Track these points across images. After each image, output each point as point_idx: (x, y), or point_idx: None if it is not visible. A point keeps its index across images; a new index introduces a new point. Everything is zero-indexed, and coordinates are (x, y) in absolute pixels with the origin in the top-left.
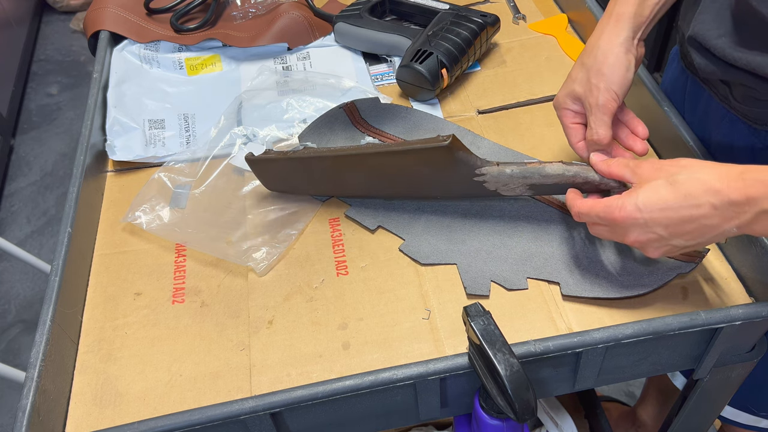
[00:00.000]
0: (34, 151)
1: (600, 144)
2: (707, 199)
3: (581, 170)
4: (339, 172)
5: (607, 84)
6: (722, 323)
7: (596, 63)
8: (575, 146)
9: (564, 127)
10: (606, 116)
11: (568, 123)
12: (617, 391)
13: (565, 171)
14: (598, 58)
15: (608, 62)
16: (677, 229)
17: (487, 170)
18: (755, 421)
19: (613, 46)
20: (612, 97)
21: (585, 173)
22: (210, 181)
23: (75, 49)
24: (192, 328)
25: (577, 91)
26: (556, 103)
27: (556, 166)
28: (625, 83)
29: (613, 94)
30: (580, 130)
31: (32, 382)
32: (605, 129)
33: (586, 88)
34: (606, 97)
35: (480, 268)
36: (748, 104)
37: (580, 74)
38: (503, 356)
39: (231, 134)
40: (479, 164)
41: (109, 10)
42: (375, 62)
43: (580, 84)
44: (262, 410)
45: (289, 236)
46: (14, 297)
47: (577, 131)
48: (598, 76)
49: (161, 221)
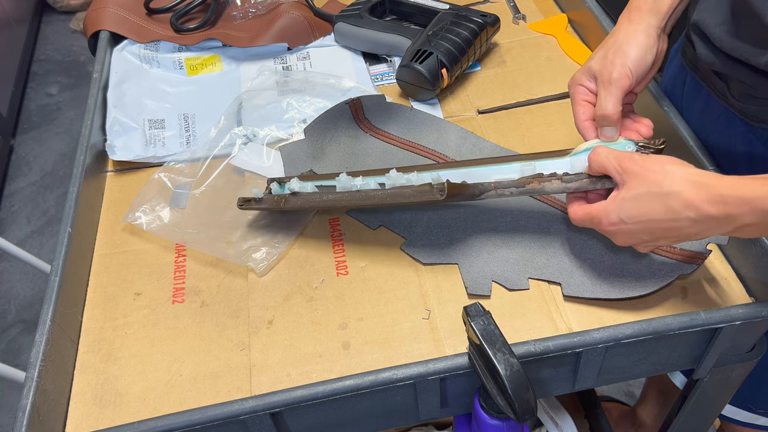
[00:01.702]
0: (34, 151)
1: (607, 120)
2: (687, 214)
3: (581, 185)
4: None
5: (623, 60)
6: (722, 323)
7: (617, 42)
8: (581, 124)
9: (573, 104)
10: (617, 91)
11: (578, 99)
12: (617, 391)
13: (566, 189)
14: (619, 39)
15: (628, 40)
16: (660, 235)
17: (486, 195)
18: (754, 419)
19: (636, 31)
20: (626, 74)
21: (585, 187)
22: (210, 181)
23: (75, 49)
24: (192, 328)
25: (594, 67)
26: (571, 81)
27: (555, 185)
28: (642, 64)
29: (628, 70)
30: (590, 108)
31: (32, 382)
32: (614, 104)
33: (603, 63)
34: (620, 72)
35: (481, 268)
36: (745, 101)
37: (599, 53)
38: (503, 356)
39: (231, 134)
40: (477, 193)
41: (109, 10)
42: (375, 62)
43: (597, 61)
44: (262, 410)
45: (288, 236)
46: (14, 297)
47: (586, 109)
48: (616, 53)
49: (161, 221)
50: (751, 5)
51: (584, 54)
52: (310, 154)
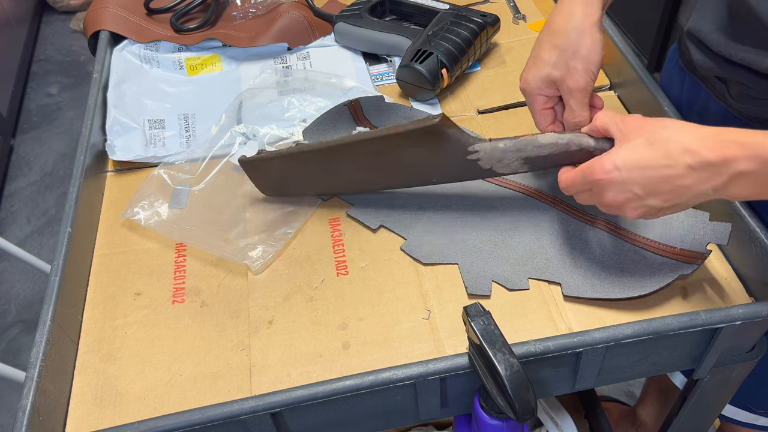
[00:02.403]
0: (34, 151)
1: (580, 126)
2: (684, 159)
3: (574, 137)
4: (333, 165)
5: (585, 66)
6: (722, 323)
7: (572, 45)
8: (544, 131)
9: (534, 112)
10: (586, 98)
11: (539, 108)
12: (617, 391)
13: (558, 140)
14: (572, 39)
15: (586, 44)
16: (653, 189)
17: (479, 146)
18: (753, 419)
19: (588, 26)
20: (591, 79)
21: (578, 140)
22: (209, 178)
23: (75, 49)
24: (192, 328)
25: (554, 75)
26: (527, 88)
27: (548, 136)
28: (600, 64)
29: (592, 74)
30: (551, 114)
31: (32, 382)
32: (587, 111)
33: (564, 71)
34: (586, 79)
35: (481, 268)
36: (744, 102)
37: (554, 57)
38: (503, 356)
39: (231, 132)
40: (471, 141)
41: (109, 10)
42: (375, 62)
43: (556, 68)
44: (262, 410)
45: (285, 235)
46: (14, 297)
47: (547, 116)
48: (576, 59)
49: (160, 218)
50: (753, 9)
51: None
52: None
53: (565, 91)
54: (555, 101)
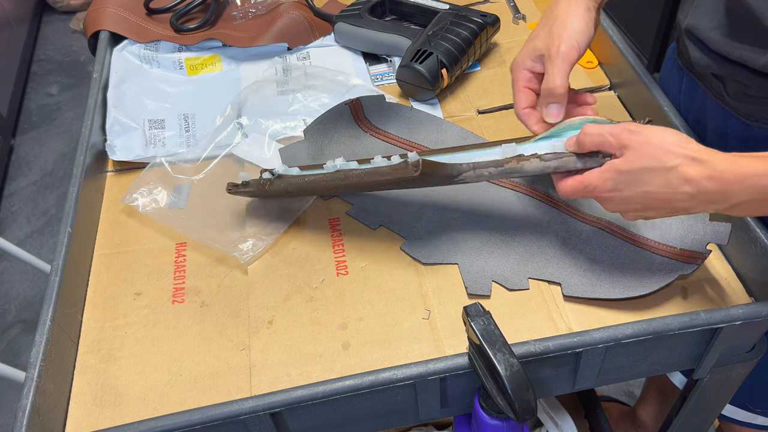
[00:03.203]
0: (34, 151)
1: (554, 95)
2: (684, 189)
3: (561, 164)
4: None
5: (570, 33)
6: (722, 323)
7: (559, 19)
8: (520, 112)
9: (515, 90)
10: (565, 65)
11: (520, 86)
12: (617, 391)
13: (545, 168)
14: (560, 14)
15: (570, 15)
16: (653, 205)
17: (465, 175)
18: (752, 418)
19: (575, 6)
20: (574, 46)
21: (566, 165)
22: (209, 169)
23: (75, 49)
24: (192, 328)
25: (538, 45)
26: (513, 64)
27: (534, 164)
28: (587, 36)
29: (575, 42)
30: (531, 96)
31: (32, 382)
32: (562, 78)
33: (548, 40)
34: (568, 45)
35: (481, 268)
36: (741, 100)
37: (541, 30)
38: (503, 356)
39: (234, 124)
40: (455, 173)
41: (109, 10)
42: (375, 62)
43: (541, 39)
44: (262, 410)
45: (277, 229)
46: (14, 297)
47: (527, 96)
48: (562, 27)
49: (157, 205)
50: (751, 8)
51: None
52: (309, 155)
53: (546, 58)
54: (537, 83)
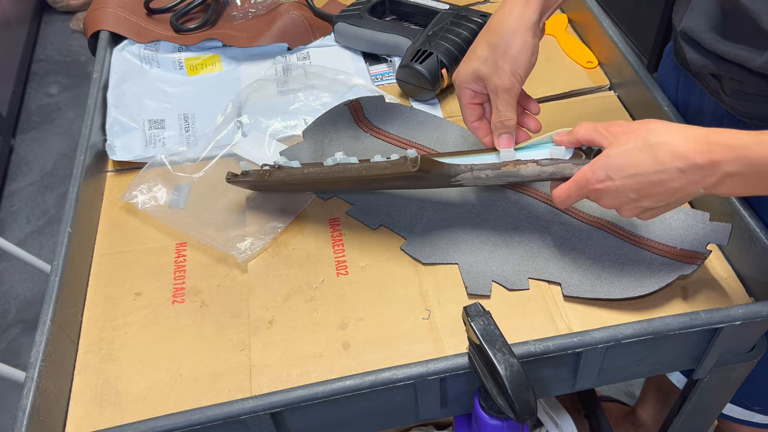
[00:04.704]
0: (34, 151)
1: (506, 126)
2: (674, 164)
3: (557, 169)
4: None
5: (513, 67)
6: (722, 323)
7: (503, 44)
8: (470, 125)
9: (462, 106)
10: (512, 99)
11: (466, 102)
12: (617, 391)
13: (541, 173)
14: (505, 39)
15: (516, 45)
16: (646, 192)
17: (462, 177)
18: (750, 416)
19: (522, 29)
20: (518, 80)
21: (562, 171)
22: (209, 167)
23: (75, 49)
24: (192, 328)
25: (482, 71)
26: (457, 80)
27: (531, 168)
28: (530, 67)
29: (519, 77)
30: (478, 110)
31: (32, 382)
32: (512, 111)
33: (492, 70)
34: (512, 80)
35: (481, 268)
36: (737, 98)
37: (485, 54)
38: (503, 356)
39: (235, 122)
40: (453, 173)
41: (109, 10)
42: (375, 62)
43: (485, 65)
44: (262, 410)
45: (275, 228)
46: (14, 297)
47: (474, 111)
48: (505, 59)
49: (156, 202)
50: (747, 10)
51: (584, 54)
52: (310, 156)
53: (491, 89)
54: (483, 98)
